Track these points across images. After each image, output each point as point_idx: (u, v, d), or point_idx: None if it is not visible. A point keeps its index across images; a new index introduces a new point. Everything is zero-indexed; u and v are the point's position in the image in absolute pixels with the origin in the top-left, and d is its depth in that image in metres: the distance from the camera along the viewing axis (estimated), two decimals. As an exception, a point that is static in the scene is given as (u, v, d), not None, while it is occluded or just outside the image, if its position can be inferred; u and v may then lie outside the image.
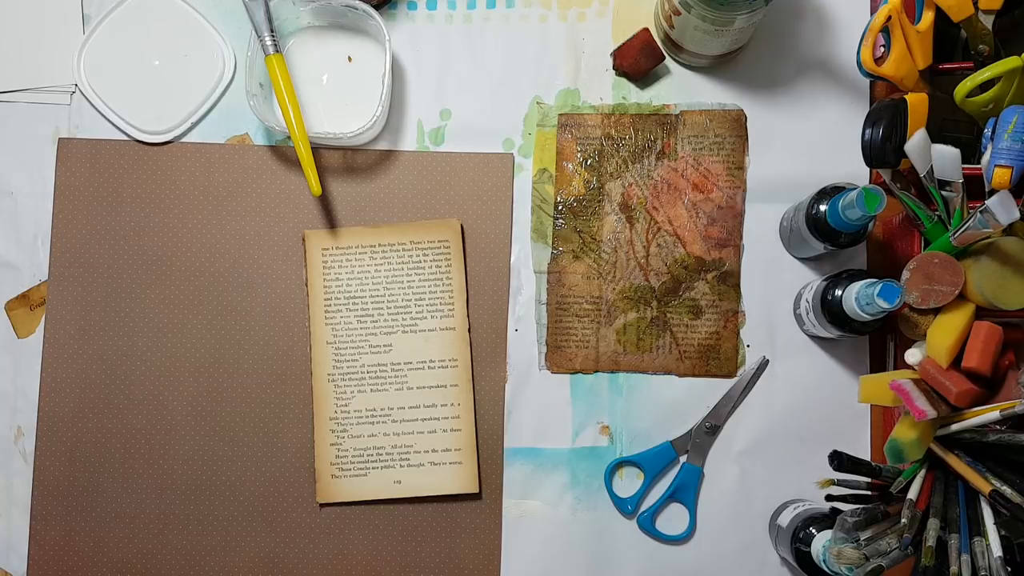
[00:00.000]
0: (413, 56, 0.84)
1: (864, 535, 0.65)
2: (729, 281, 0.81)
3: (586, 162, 0.82)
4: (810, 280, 0.79)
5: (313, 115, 0.82)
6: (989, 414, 0.64)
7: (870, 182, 0.79)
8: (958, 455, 0.67)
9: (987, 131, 0.67)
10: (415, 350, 0.81)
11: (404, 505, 0.80)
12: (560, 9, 0.84)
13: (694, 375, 0.81)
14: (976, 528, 0.65)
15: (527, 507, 0.80)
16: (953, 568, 0.63)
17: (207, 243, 0.83)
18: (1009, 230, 0.68)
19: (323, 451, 0.80)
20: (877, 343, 0.81)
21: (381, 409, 0.81)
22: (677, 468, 0.80)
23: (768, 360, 0.81)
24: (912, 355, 0.69)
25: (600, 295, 0.81)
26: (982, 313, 0.69)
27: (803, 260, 0.81)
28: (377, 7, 0.82)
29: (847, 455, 0.67)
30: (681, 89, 0.83)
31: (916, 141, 0.67)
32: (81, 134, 0.83)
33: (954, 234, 0.67)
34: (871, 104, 0.82)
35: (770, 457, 0.80)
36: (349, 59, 0.83)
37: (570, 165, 0.82)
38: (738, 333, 0.81)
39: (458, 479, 0.80)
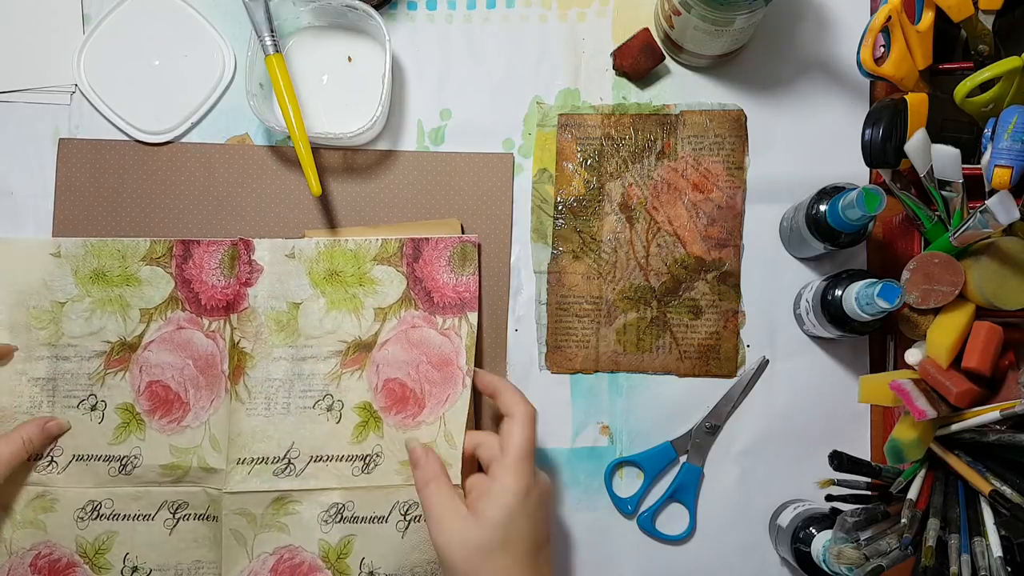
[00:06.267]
0: (413, 56, 0.84)
1: (864, 535, 0.65)
2: (729, 281, 0.81)
3: (586, 162, 0.82)
4: (810, 280, 0.79)
5: (313, 115, 0.82)
6: (989, 414, 0.64)
7: (870, 182, 0.79)
8: (958, 455, 0.67)
9: (987, 131, 0.67)
10: (415, 350, 0.81)
11: (404, 505, 0.80)
12: (560, 9, 0.84)
13: (694, 375, 0.81)
14: (976, 528, 0.65)
15: (527, 507, 0.80)
16: (953, 568, 0.63)
17: (207, 243, 0.82)
18: (1009, 230, 0.68)
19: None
20: (877, 343, 0.81)
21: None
22: (677, 468, 0.80)
23: (768, 360, 0.81)
24: (912, 355, 0.69)
25: (600, 295, 0.81)
26: (982, 313, 0.69)
27: (803, 260, 0.81)
28: (377, 7, 0.82)
29: (847, 455, 0.67)
30: (681, 89, 0.83)
31: (916, 141, 0.67)
32: (81, 134, 0.83)
33: (954, 234, 0.67)
34: (871, 104, 0.82)
35: (770, 457, 0.80)
36: (349, 59, 0.83)
37: (570, 165, 0.82)
38: (738, 333, 0.81)
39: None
